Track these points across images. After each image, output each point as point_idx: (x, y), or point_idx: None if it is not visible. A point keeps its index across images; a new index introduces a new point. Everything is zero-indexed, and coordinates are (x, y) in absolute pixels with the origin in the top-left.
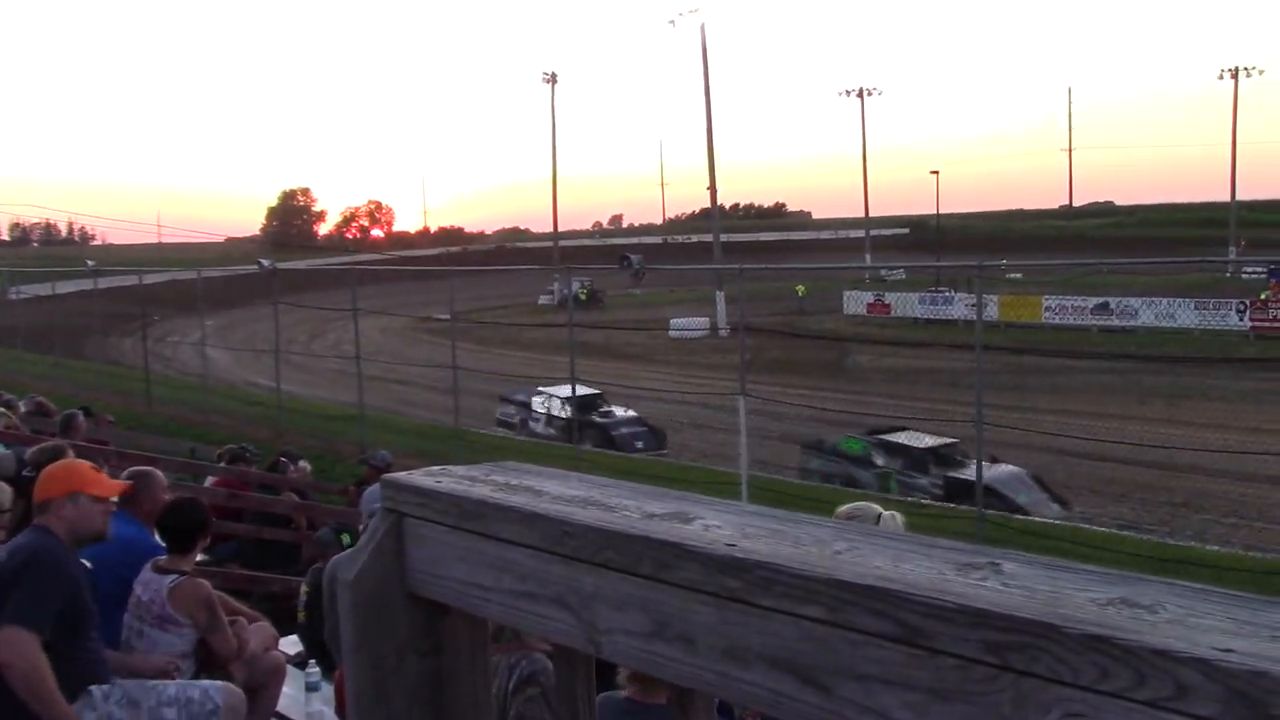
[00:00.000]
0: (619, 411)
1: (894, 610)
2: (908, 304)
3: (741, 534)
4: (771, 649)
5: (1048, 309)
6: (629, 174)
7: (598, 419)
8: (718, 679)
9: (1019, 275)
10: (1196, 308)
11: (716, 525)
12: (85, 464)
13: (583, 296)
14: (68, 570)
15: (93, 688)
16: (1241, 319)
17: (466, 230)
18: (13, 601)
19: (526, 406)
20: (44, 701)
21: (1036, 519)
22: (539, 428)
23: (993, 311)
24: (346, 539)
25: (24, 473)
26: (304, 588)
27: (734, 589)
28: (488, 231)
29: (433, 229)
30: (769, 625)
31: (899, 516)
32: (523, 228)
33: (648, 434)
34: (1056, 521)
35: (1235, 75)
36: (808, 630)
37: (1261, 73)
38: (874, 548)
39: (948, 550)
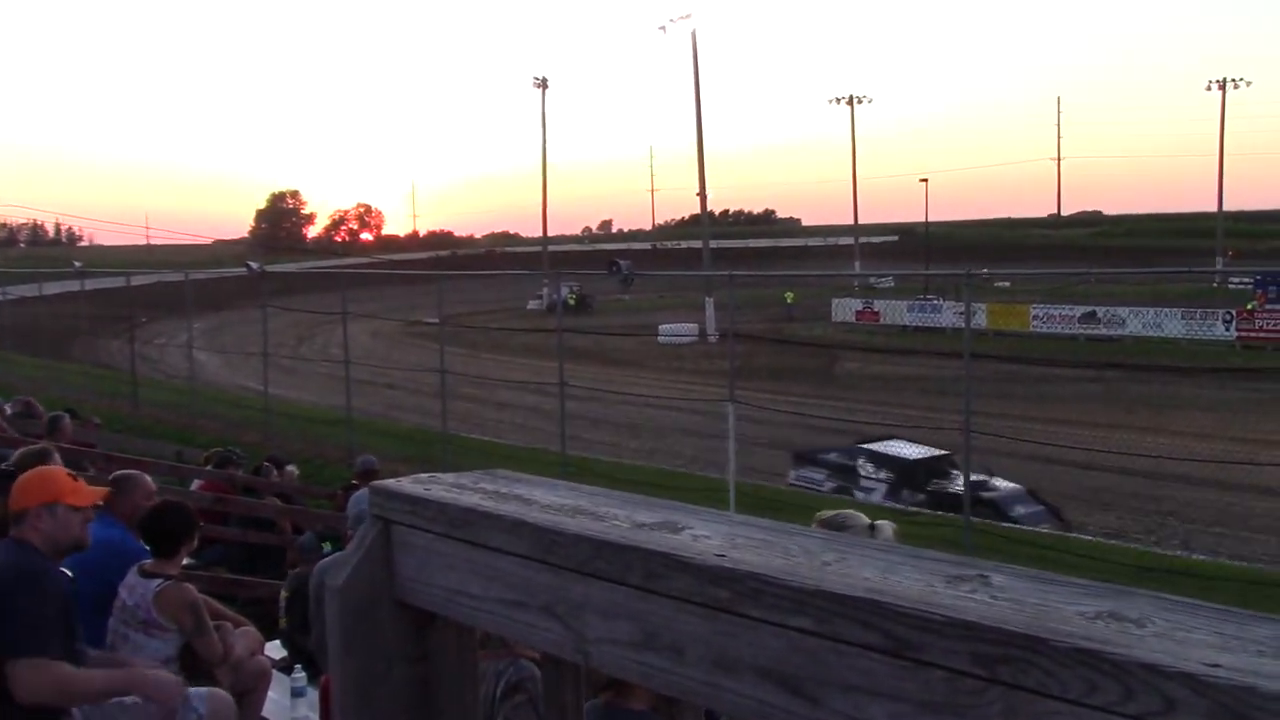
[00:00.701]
0: (1000, 483)
1: (882, 622)
2: (896, 311)
3: (731, 544)
4: (760, 660)
5: (1035, 317)
6: (619, 179)
7: (983, 494)
8: (707, 689)
9: (1007, 284)
10: (1183, 317)
11: (706, 535)
12: (62, 472)
13: (572, 301)
14: (54, 584)
15: (75, 710)
16: (1228, 329)
17: (456, 234)
18: (9, 632)
19: (850, 471)
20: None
21: (1027, 528)
22: (875, 498)
23: (981, 320)
24: (328, 546)
25: (6, 466)
26: (284, 593)
27: (723, 599)
28: (477, 235)
29: (422, 233)
30: (758, 636)
31: (891, 526)
32: (512, 232)
33: (1045, 513)
34: (1041, 530)
35: (1223, 86)
36: (796, 641)
37: (1249, 84)
38: (863, 559)
39: (937, 562)
